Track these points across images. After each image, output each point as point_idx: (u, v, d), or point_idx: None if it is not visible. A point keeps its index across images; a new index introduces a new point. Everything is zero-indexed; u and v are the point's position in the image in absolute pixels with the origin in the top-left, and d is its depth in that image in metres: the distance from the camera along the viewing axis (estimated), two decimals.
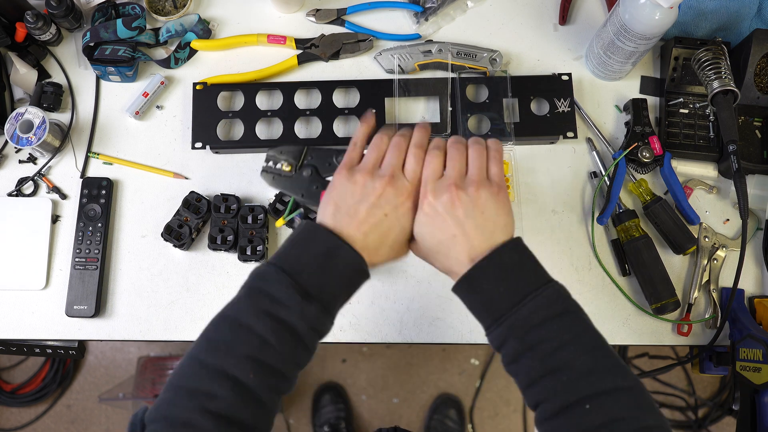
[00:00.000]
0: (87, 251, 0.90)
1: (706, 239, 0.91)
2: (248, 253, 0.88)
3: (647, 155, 0.91)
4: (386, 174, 0.61)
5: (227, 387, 0.52)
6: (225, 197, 0.90)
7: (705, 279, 0.90)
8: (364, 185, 0.61)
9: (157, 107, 0.97)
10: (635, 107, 0.93)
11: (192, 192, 0.90)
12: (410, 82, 0.96)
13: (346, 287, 0.59)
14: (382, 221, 0.60)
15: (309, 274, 0.57)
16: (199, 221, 0.90)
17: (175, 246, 0.88)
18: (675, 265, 0.92)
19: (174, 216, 0.89)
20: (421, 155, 0.63)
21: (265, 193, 0.94)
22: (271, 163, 0.74)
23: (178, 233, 0.88)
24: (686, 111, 0.95)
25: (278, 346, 0.54)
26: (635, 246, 0.88)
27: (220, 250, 0.89)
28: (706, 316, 0.89)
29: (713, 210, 0.95)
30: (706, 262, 0.90)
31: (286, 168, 0.74)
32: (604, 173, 0.92)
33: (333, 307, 0.59)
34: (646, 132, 0.92)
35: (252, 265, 0.90)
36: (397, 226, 0.61)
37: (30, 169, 0.94)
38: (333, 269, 0.58)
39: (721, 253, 0.91)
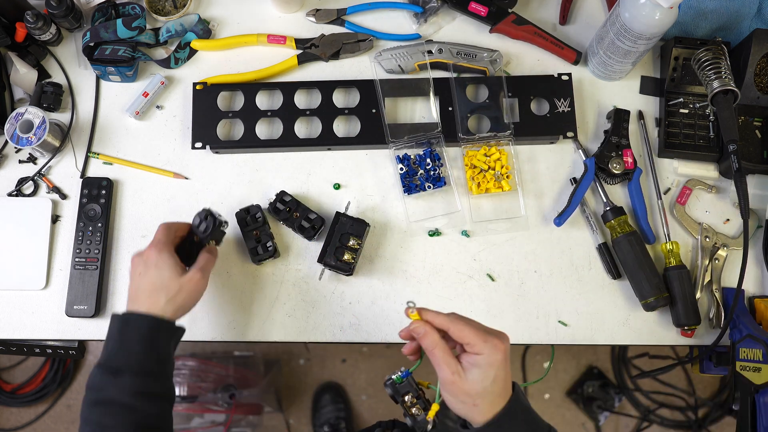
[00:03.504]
0: (87, 251, 0.90)
1: (707, 239, 0.91)
2: (260, 252, 0.89)
3: (617, 167, 0.91)
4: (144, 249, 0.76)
5: None
6: (246, 210, 0.90)
7: (707, 279, 0.90)
8: (132, 262, 0.77)
9: (157, 107, 0.97)
10: (617, 117, 0.93)
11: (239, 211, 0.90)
12: (407, 83, 0.95)
13: (150, 346, 0.69)
14: (140, 277, 0.74)
15: (113, 355, 0.69)
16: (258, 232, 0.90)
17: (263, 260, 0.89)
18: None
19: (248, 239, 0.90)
20: (160, 226, 0.79)
21: (265, 193, 0.94)
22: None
23: (265, 247, 0.89)
24: (686, 111, 0.95)
25: (113, 424, 0.65)
26: (623, 242, 0.88)
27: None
28: (710, 318, 0.89)
29: (713, 210, 0.95)
30: (707, 262, 0.90)
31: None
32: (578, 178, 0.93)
33: (147, 367, 0.68)
34: (621, 144, 0.92)
35: (268, 264, 0.91)
36: (152, 273, 0.73)
37: (30, 169, 0.94)
38: (128, 340, 0.69)
39: (722, 252, 0.91)
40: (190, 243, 0.80)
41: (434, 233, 0.92)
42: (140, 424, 0.65)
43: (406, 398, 0.69)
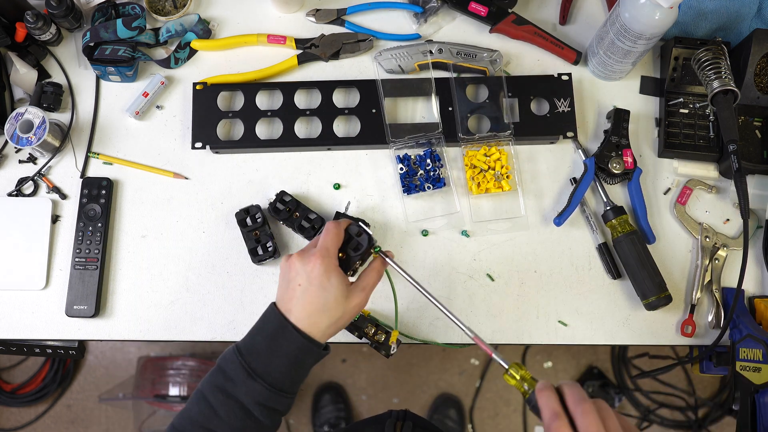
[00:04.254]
0: (87, 251, 0.90)
1: (707, 239, 0.91)
2: (260, 253, 0.89)
3: (617, 167, 0.91)
4: (307, 252, 0.68)
5: None
6: (246, 210, 0.90)
7: (707, 279, 0.90)
8: (290, 265, 0.68)
9: (157, 107, 0.97)
10: (617, 117, 0.93)
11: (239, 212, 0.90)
12: (408, 82, 0.95)
13: (293, 366, 0.65)
14: (302, 292, 0.66)
15: (258, 355, 0.65)
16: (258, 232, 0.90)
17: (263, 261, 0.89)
18: (676, 265, 0.92)
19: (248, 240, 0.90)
20: (328, 226, 0.70)
21: (265, 192, 0.94)
22: None
23: (265, 248, 0.89)
24: (686, 111, 0.95)
25: (225, 417, 0.63)
26: (624, 242, 0.88)
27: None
28: (710, 318, 0.89)
29: (713, 210, 0.95)
30: (707, 262, 0.90)
31: None
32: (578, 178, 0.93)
33: (281, 384, 0.64)
34: (621, 144, 0.93)
35: (268, 265, 0.91)
36: (315, 292, 0.65)
37: (30, 169, 0.94)
38: (278, 350, 0.65)
39: (722, 252, 0.91)
40: (343, 248, 0.72)
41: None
42: (249, 428, 0.64)
43: (368, 330, 0.83)
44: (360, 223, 0.70)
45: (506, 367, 0.63)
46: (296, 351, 0.65)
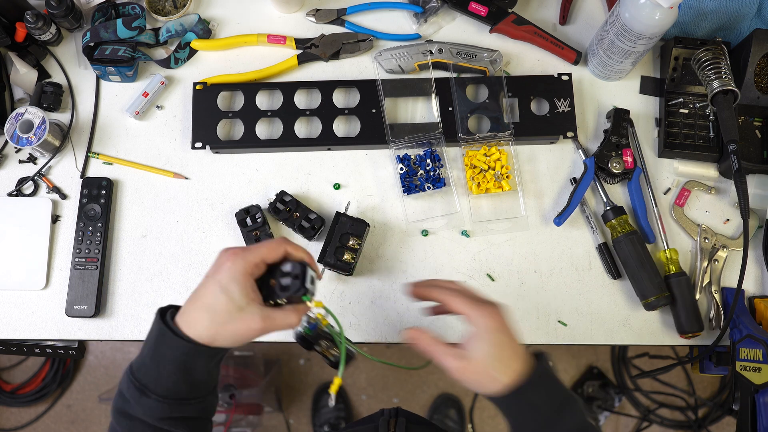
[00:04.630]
0: (87, 251, 0.90)
1: (706, 240, 0.91)
2: None
3: (617, 166, 0.91)
4: (236, 248, 0.63)
5: None
6: (246, 210, 0.90)
7: (707, 281, 0.90)
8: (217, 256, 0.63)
9: (157, 107, 0.97)
10: (616, 116, 0.93)
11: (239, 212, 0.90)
12: (408, 82, 0.95)
13: (183, 372, 0.59)
14: (201, 284, 0.61)
15: (145, 368, 0.60)
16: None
17: None
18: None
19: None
20: (275, 239, 0.65)
21: (265, 192, 0.94)
22: None
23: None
24: (686, 111, 0.95)
25: None
26: (624, 242, 0.88)
27: None
28: (710, 318, 0.89)
29: (713, 210, 0.95)
30: (706, 263, 0.90)
31: None
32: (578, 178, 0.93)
33: (177, 393, 0.59)
34: (621, 143, 0.93)
35: None
36: (209, 287, 0.60)
37: (30, 169, 0.94)
38: (162, 359, 0.59)
39: (721, 253, 0.91)
40: (275, 274, 0.64)
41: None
42: None
43: (322, 344, 0.72)
44: (308, 267, 0.62)
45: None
46: (181, 356, 0.59)
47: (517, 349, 0.62)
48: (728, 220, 0.94)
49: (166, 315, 0.61)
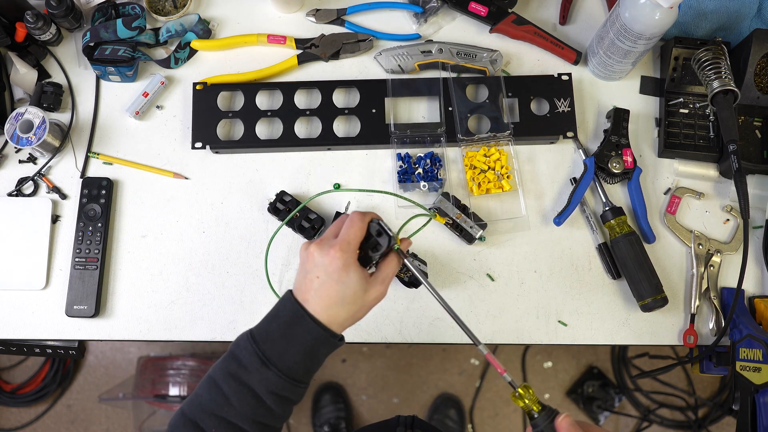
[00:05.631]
0: (87, 251, 0.90)
1: (700, 246, 0.91)
2: (307, 226, 0.90)
3: (617, 166, 0.91)
4: (326, 243, 0.65)
5: None
6: (272, 203, 0.90)
7: (704, 287, 0.90)
8: (309, 256, 0.65)
9: (157, 107, 0.97)
10: (616, 116, 0.93)
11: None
12: (408, 82, 0.96)
13: (308, 355, 0.63)
14: (320, 285, 0.64)
15: (272, 342, 0.63)
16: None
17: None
18: (675, 265, 0.92)
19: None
20: (353, 217, 0.66)
21: (265, 192, 0.94)
22: None
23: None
24: (686, 111, 0.95)
25: (238, 405, 0.61)
26: (622, 243, 0.88)
27: (318, 232, 0.90)
28: (710, 325, 0.89)
29: (713, 210, 0.95)
30: (703, 269, 0.90)
31: None
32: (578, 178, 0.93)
33: (295, 373, 0.63)
34: (621, 143, 0.92)
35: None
36: (334, 286, 0.63)
37: (30, 169, 0.94)
38: (293, 339, 0.63)
39: (716, 258, 0.91)
40: (363, 245, 0.68)
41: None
42: (261, 417, 0.63)
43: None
44: (380, 222, 0.68)
45: (515, 387, 0.63)
46: (312, 340, 0.63)
47: None
48: (728, 220, 0.94)
49: (295, 296, 0.65)
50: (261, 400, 0.62)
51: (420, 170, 0.92)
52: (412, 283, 0.87)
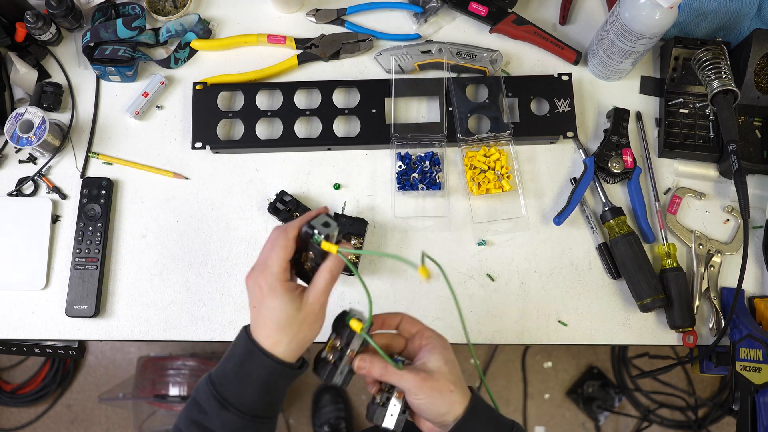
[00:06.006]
0: (87, 251, 0.90)
1: (701, 246, 0.91)
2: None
3: (617, 166, 0.91)
4: (254, 270, 0.63)
5: None
6: (272, 203, 0.90)
7: (704, 287, 0.90)
8: (246, 285, 0.64)
9: (157, 107, 0.97)
10: (616, 116, 0.93)
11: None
12: (408, 82, 0.96)
13: (266, 391, 0.61)
14: (257, 315, 0.62)
15: (229, 383, 0.61)
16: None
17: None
18: None
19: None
20: (272, 235, 0.64)
21: (265, 192, 0.94)
22: None
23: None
24: (686, 111, 0.95)
25: None
26: (621, 243, 0.88)
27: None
28: (710, 325, 0.89)
29: (713, 210, 0.95)
30: (703, 269, 0.90)
31: None
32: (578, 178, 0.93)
33: (255, 410, 0.61)
34: (621, 143, 0.93)
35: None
36: (266, 313, 0.61)
37: (30, 169, 0.94)
38: (247, 377, 0.61)
39: (716, 259, 0.91)
40: (303, 247, 0.65)
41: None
42: None
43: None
44: (319, 216, 0.62)
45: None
46: (266, 375, 0.61)
47: (461, 375, 0.66)
48: (728, 220, 0.94)
49: (249, 331, 0.63)
50: None
51: (416, 174, 0.92)
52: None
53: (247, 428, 0.61)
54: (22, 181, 0.93)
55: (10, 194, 0.93)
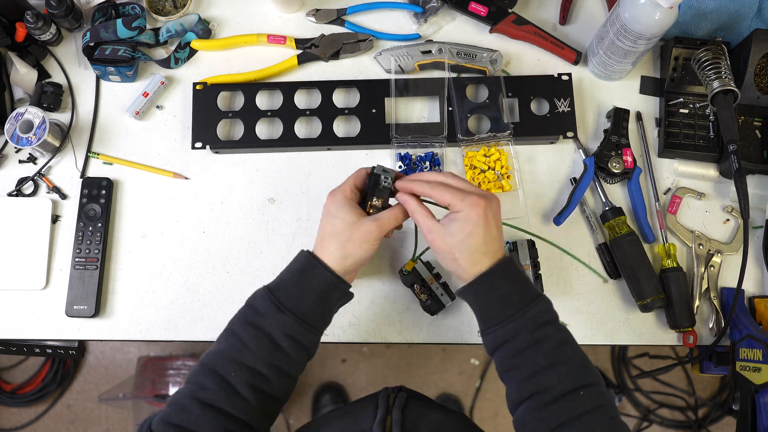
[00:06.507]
0: (87, 251, 0.90)
1: (701, 247, 0.91)
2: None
3: (617, 166, 0.91)
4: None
5: (215, 382, 0.64)
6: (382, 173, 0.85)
7: (704, 287, 0.90)
8: (323, 207, 0.74)
9: (157, 107, 0.97)
10: (616, 116, 0.93)
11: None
12: (408, 82, 0.96)
13: (320, 300, 0.69)
14: (321, 226, 0.72)
15: (286, 290, 0.68)
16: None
17: None
18: None
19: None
20: (357, 171, 0.75)
21: (265, 192, 0.94)
22: None
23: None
24: (686, 111, 0.95)
25: (256, 349, 0.65)
26: (621, 243, 0.88)
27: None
28: (710, 325, 0.89)
29: (713, 210, 0.95)
30: (703, 269, 0.90)
31: None
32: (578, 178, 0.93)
33: (309, 317, 0.68)
34: (621, 143, 0.93)
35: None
36: (327, 221, 0.71)
37: (30, 169, 0.94)
38: (305, 285, 0.69)
39: (716, 259, 0.91)
40: (370, 191, 0.74)
41: None
42: (277, 361, 0.66)
43: (416, 287, 0.87)
44: (383, 168, 0.73)
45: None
46: (323, 285, 0.68)
47: (493, 247, 0.67)
48: (728, 220, 0.94)
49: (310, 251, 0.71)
50: (277, 344, 0.66)
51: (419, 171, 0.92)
52: (428, 308, 0.87)
53: (299, 333, 0.67)
54: (22, 181, 0.93)
55: (10, 194, 0.93)
